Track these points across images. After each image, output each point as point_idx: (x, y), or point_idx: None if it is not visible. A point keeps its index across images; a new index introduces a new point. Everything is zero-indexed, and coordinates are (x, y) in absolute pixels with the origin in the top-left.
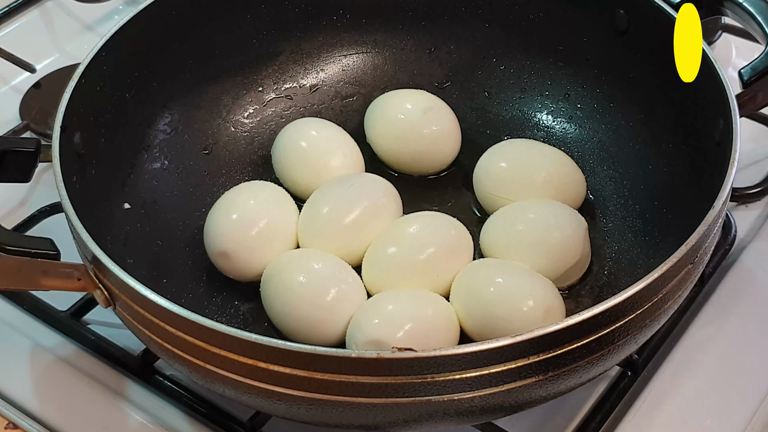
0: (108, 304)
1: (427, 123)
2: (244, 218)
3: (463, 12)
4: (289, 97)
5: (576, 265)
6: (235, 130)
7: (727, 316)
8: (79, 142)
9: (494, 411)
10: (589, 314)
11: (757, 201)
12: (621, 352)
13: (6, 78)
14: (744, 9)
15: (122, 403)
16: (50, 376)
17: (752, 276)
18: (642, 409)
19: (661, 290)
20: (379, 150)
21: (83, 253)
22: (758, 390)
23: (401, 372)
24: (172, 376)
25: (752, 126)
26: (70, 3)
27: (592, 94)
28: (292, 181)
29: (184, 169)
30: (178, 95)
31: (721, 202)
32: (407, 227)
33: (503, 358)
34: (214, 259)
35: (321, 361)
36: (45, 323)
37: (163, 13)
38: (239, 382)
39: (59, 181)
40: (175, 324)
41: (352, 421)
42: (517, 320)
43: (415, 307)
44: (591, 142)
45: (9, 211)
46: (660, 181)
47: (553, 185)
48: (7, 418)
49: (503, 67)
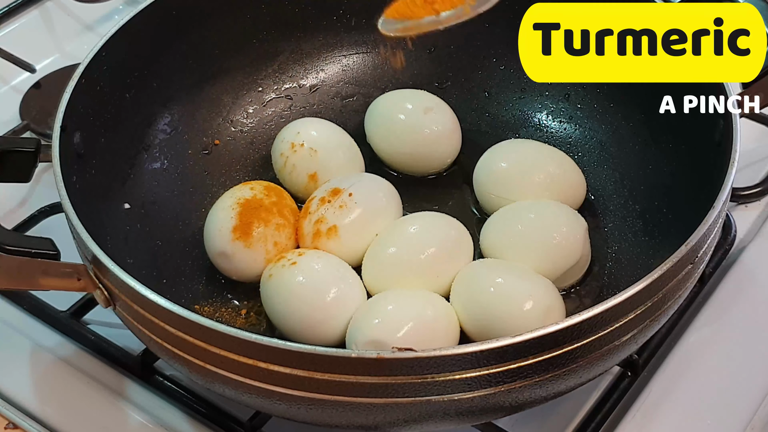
0: (108, 304)
1: (427, 123)
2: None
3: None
4: (289, 97)
5: (576, 265)
6: (235, 130)
7: (727, 316)
8: (79, 142)
9: (494, 411)
10: (589, 314)
11: (757, 201)
12: (621, 352)
13: (6, 78)
14: None
15: (122, 403)
16: (50, 376)
17: (752, 276)
18: (642, 409)
19: (661, 290)
20: (379, 150)
21: (83, 253)
22: (758, 390)
23: (401, 372)
24: (172, 376)
25: (752, 126)
26: (70, 3)
27: (592, 94)
28: (292, 181)
29: (184, 169)
30: (178, 95)
31: (721, 202)
32: (407, 227)
33: (503, 358)
34: (214, 259)
35: (321, 361)
36: (45, 323)
37: (163, 13)
38: (239, 382)
39: (59, 181)
40: (175, 324)
41: (352, 421)
42: (517, 320)
43: (415, 307)
44: (591, 142)
45: (9, 211)
46: (660, 181)
47: (553, 185)
48: (7, 418)
49: (503, 67)
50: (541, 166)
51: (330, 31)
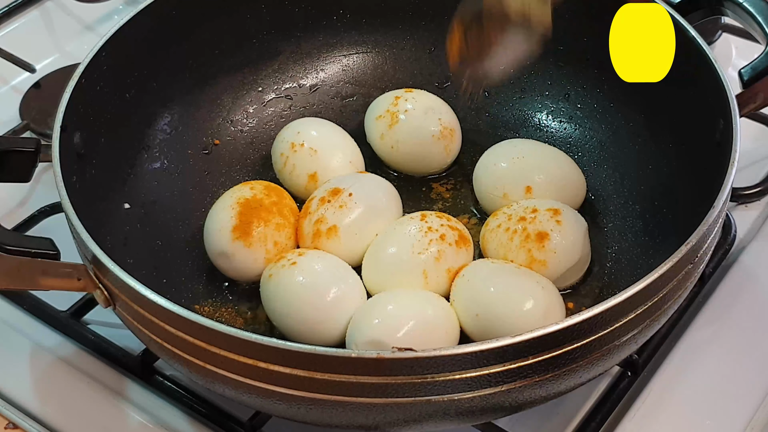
0: (108, 304)
1: (427, 123)
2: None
3: None
4: (289, 97)
5: (576, 265)
6: (235, 130)
7: (727, 316)
8: (79, 142)
9: (494, 411)
10: (589, 314)
11: (757, 201)
12: (621, 352)
13: (6, 78)
14: (744, 9)
15: (122, 403)
16: (50, 376)
17: (752, 276)
18: (642, 409)
19: (661, 290)
20: (379, 150)
21: (83, 253)
22: (758, 390)
23: (401, 372)
24: (172, 376)
25: (752, 126)
26: (70, 3)
27: (592, 94)
28: (292, 181)
29: (184, 169)
30: (178, 95)
31: (721, 202)
32: (407, 227)
33: (503, 358)
34: (214, 259)
35: (321, 361)
36: (45, 323)
37: (163, 13)
38: (239, 382)
39: (59, 181)
40: (175, 324)
41: (352, 421)
42: (517, 320)
43: (415, 307)
44: (591, 142)
45: (9, 211)
46: (660, 181)
47: (553, 185)
48: (7, 418)
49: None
50: (541, 166)
51: (330, 31)
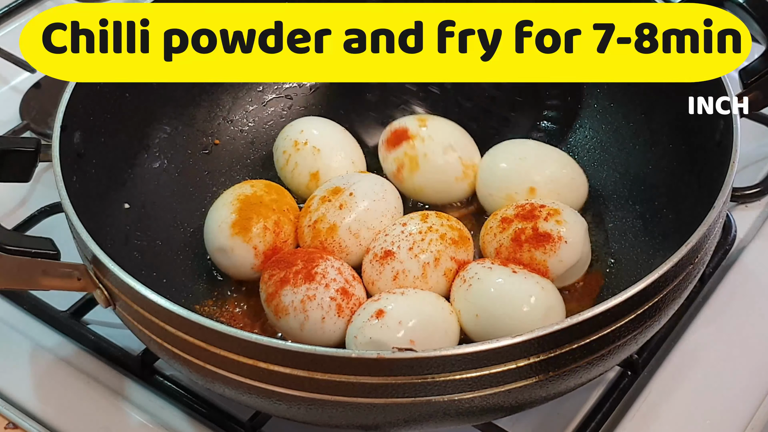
0: (108, 304)
1: (448, 166)
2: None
3: None
4: (289, 97)
5: (576, 265)
6: (235, 129)
7: (727, 316)
8: (79, 142)
9: (494, 411)
10: (589, 314)
11: (757, 201)
12: (621, 352)
13: (6, 78)
14: (744, 9)
15: (122, 403)
16: (50, 376)
17: (752, 276)
18: (642, 409)
19: (661, 290)
20: (395, 184)
21: (83, 253)
22: (758, 390)
23: (401, 372)
24: (172, 376)
25: (752, 126)
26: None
27: (592, 93)
28: (294, 179)
29: (184, 169)
30: (178, 95)
31: (721, 202)
32: (407, 227)
33: (503, 358)
34: (212, 254)
35: (321, 361)
36: (45, 323)
37: None
38: (239, 382)
39: (59, 181)
40: (175, 324)
41: (352, 421)
42: (517, 320)
43: (415, 307)
44: (591, 142)
45: (9, 211)
46: (660, 181)
47: (554, 185)
48: (7, 418)
49: None
50: (542, 166)
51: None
